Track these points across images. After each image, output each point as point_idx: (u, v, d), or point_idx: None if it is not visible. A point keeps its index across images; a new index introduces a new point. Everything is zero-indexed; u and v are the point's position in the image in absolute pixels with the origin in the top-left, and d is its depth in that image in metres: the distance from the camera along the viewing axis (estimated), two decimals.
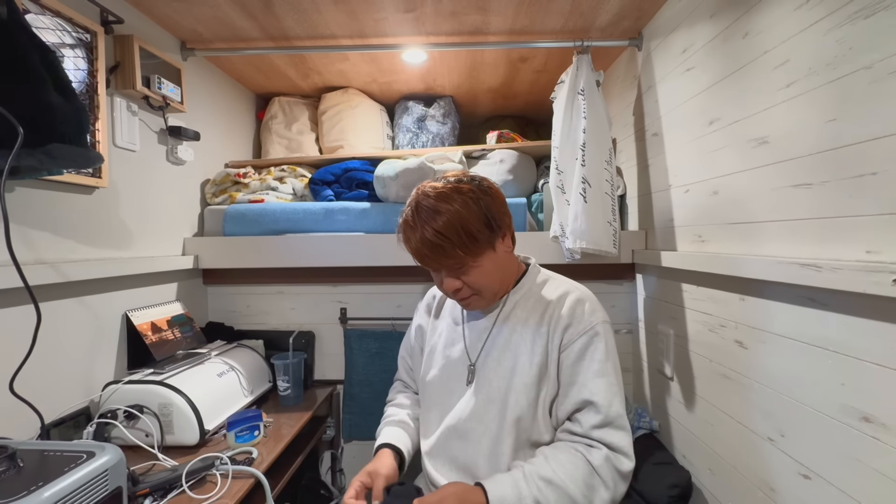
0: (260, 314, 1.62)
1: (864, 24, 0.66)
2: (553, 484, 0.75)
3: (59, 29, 1.00)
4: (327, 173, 1.59)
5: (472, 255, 0.82)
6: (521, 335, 0.89)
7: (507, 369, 0.87)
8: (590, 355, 0.84)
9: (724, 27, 0.98)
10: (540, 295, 0.92)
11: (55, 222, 1.02)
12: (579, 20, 1.34)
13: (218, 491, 0.89)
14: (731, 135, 0.96)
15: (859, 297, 0.65)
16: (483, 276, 0.85)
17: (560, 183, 1.29)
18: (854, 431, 0.68)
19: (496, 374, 0.88)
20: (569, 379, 0.84)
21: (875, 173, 0.64)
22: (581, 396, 0.82)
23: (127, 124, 1.22)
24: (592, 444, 0.79)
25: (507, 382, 0.86)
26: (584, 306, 0.88)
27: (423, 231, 0.81)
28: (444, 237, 0.80)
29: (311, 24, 1.34)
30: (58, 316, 1.01)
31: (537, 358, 0.86)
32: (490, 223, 0.84)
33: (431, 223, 0.80)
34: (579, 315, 0.87)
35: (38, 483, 0.60)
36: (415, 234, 0.82)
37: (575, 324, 0.86)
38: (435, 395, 0.95)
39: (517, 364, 0.87)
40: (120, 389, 1.05)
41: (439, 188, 0.84)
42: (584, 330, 0.85)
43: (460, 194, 0.83)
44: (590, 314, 0.87)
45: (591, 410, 0.81)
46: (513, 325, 0.90)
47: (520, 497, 0.74)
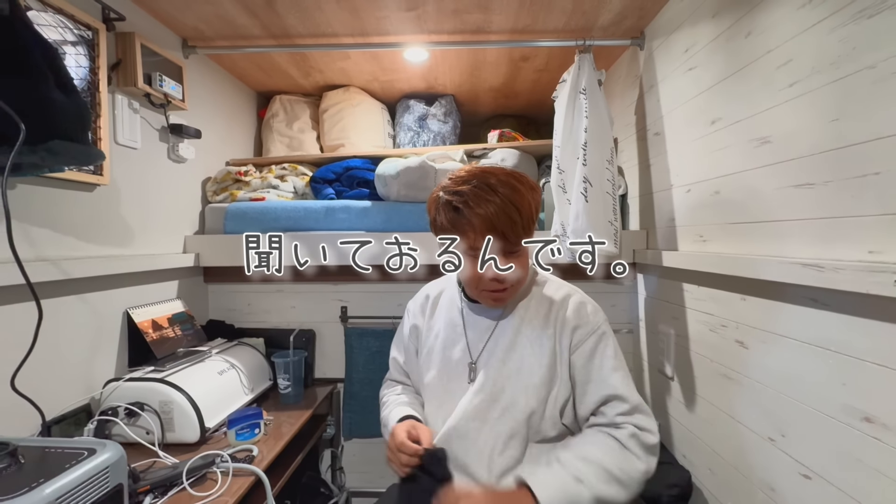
0: (260, 312, 1.62)
1: (867, 24, 0.66)
2: (588, 460, 0.77)
3: (61, 26, 1.00)
4: (328, 172, 1.59)
5: (521, 241, 0.83)
6: (526, 336, 0.89)
7: (513, 370, 0.87)
8: (601, 353, 0.86)
9: (727, 26, 0.98)
10: (541, 296, 0.93)
11: (57, 219, 1.02)
12: (581, 19, 1.33)
13: (218, 488, 0.89)
14: (734, 134, 0.96)
15: (861, 298, 0.65)
16: (523, 267, 0.86)
17: (561, 182, 1.29)
18: (855, 432, 0.68)
19: (500, 373, 0.87)
20: (585, 377, 0.86)
21: (878, 173, 0.64)
22: (603, 392, 0.84)
23: (128, 122, 1.22)
24: (618, 426, 0.82)
25: (513, 382, 0.86)
26: (586, 308, 0.90)
27: (503, 199, 0.79)
28: (518, 212, 0.80)
29: (313, 21, 1.34)
30: (59, 313, 1.01)
31: (545, 359, 0.86)
32: (534, 217, 0.85)
33: (511, 196, 0.80)
34: (585, 316, 0.88)
35: (40, 480, 0.60)
36: (494, 200, 0.79)
37: (583, 325, 0.87)
38: (435, 397, 0.94)
39: (523, 365, 0.87)
40: (121, 387, 1.05)
41: (504, 171, 0.84)
42: (592, 330, 0.87)
43: (522, 183, 0.83)
44: (594, 315, 0.89)
45: (616, 402, 0.83)
46: (516, 325, 0.90)
47: (561, 482, 0.75)
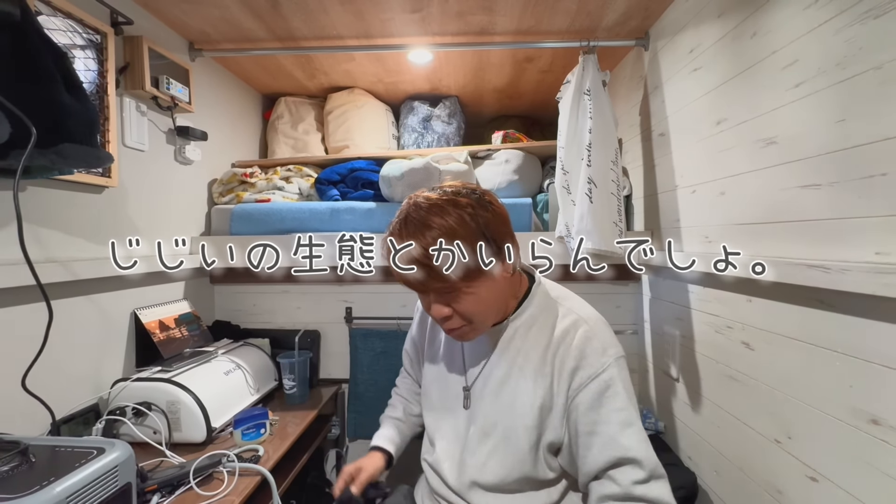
0: (266, 313, 1.63)
1: (874, 24, 0.66)
2: None
3: (70, 30, 1.01)
4: (333, 173, 1.59)
5: (466, 279, 0.71)
6: (521, 369, 0.79)
7: (506, 406, 0.79)
8: (608, 403, 0.72)
9: (732, 27, 0.97)
10: (543, 324, 0.81)
11: (66, 221, 1.03)
12: (586, 20, 1.33)
13: (225, 488, 0.89)
14: (739, 135, 0.96)
15: (868, 299, 0.64)
16: (477, 305, 0.74)
17: (566, 183, 1.29)
18: (862, 434, 0.68)
19: (493, 408, 0.80)
20: (589, 428, 0.72)
21: (885, 174, 0.64)
22: (614, 454, 0.70)
23: (136, 124, 1.23)
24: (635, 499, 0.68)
25: (505, 419, 0.78)
26: (592, 344, 0.75)
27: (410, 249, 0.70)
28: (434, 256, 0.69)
29: (318, 24, 1.35)
30: (68, 314, 1.03)
31: (539, 400, 0.76)
32: (489, 244, 0.72)
33: (419, 238, 0.70)
34: (589, 355, 0.75)
35: (50, 478, 0.61)
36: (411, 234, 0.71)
37: (585, 366, 0.74)
38: (434, 409, 0.91)
39: (516, 403, 0.78)
40: (129, 387, 1.06)
41: (433, 199, 0.73)
42: (596, 373, 0.73)
43: (456, 208, 0.72)
44: (601, 353, 0.74)
45: (632, 467, 0.69)
46: (512, 356, 0.80)
47: None
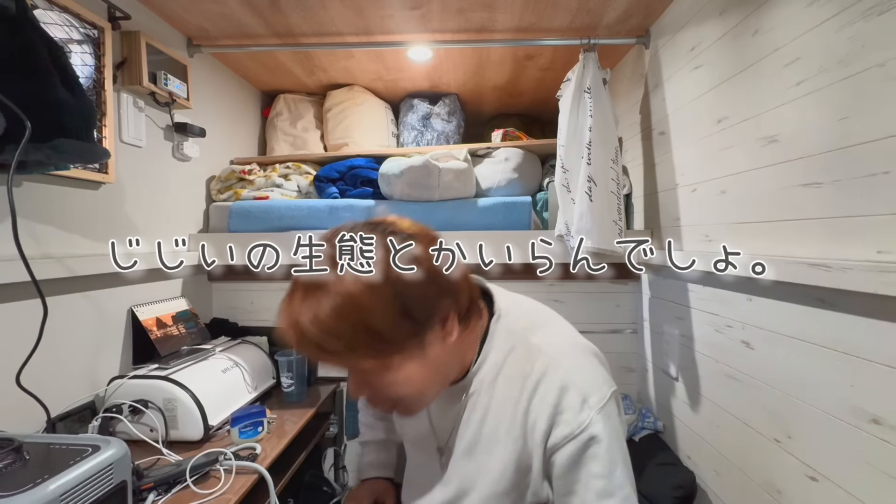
0: (264, 311, 1.62)
1: (877, 21, 0.65)
2: None
3: (67, 24, 1.00)
4: (332, 171, 1.59)
5: (381, 357, 0.56)
6: (491, 428, 0.66)
7: (479, 467, 0.67)
8: (587, 468, 0.59)
9: (734, 25, 0.97)
10: (509, 373, 0.65)
11: (62, 217, 1.03)
12: (586, 18, 1.33)
13: (221, 486, 0.89)
14: (740, 133, 0.95)
15: (869, 298, 0.64)
16: (404, 386, 0.59)
17: (565, 181, 1.28)
18: (863, 433, 0.68)
19: (467, 470, 0.68)
20: (564, 489, 0.62)
21: (888, 172, 0.64)
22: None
23: (133, 120, 1.22)
24: None
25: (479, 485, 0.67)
26: (568, 397, 0.60)
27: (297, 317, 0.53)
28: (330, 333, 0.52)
29: (318, 20, 1.34)
30: (64, 310, 1.02)
31: (512, 465, 0.64)
32: (410, 314, 0.55)
33: (311, 306, 0.52)
34: (565, 411, 0.60)
35: (45, 476, 0.60)
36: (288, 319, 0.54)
37: (561, 424, 0.60)
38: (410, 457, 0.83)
39: (489, 464, 0.66)
40: (125, 384, 1.05)
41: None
42: (573, 433, 0.59)
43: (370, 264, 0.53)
44: (578, 410, 0.59)
45: None
46: (480, 416, 0.67)
47: None
